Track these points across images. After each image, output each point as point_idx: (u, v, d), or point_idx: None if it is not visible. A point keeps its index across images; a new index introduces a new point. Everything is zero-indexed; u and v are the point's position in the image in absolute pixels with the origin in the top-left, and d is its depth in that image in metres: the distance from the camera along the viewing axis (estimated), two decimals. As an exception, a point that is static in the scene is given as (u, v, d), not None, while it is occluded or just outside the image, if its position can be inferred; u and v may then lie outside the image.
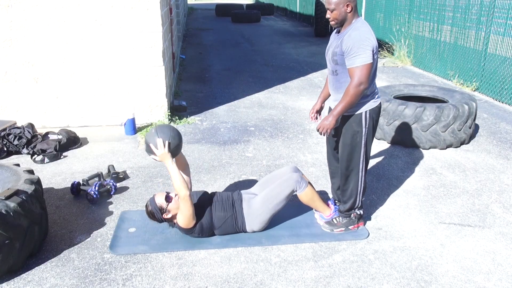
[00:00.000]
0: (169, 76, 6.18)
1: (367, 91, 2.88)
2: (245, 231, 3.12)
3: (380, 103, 3.03)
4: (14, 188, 2.74)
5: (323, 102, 3.29)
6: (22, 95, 5.18)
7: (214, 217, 3.03)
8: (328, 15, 2.83)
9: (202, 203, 3.07)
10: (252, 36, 14.06)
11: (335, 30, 2.98)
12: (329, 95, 3.19)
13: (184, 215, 2.91)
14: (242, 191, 3.26)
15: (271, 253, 2.93)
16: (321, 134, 2.89)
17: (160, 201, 3.00)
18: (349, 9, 2.77)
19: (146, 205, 3.06)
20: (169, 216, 3.02)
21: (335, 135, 3.16)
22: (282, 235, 3.12)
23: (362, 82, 2.74)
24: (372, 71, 2.80)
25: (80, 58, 5.15)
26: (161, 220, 3.05)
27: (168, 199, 3.00)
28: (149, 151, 2.95)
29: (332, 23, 2.85)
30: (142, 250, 2.94)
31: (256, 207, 3.07)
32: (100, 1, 4.99)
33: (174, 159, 2.98)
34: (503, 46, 6.47)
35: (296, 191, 3.06)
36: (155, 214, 3.00)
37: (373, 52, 2.75)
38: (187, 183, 3.04)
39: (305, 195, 3.09)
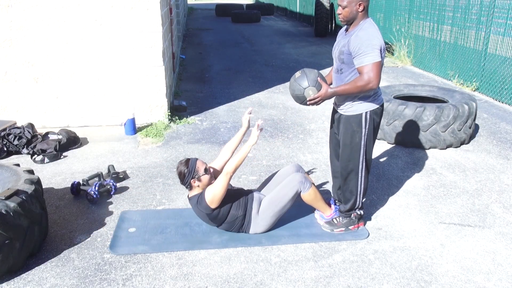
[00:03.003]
0: (169, 76, 6.18)
1: (370, 91, 2.87)
2: (247, 233, 3.12)
3: (383, 104, 3.01)
4: (14, 188, 2.74)
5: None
6: (22, 95, 5.18)
7: (230, 212, 3.03)
8: (339, 11, 2.83)
9: (233, 195, 3.07)
10: (252, 36, 14.05)
11: (343, 28, 2.99)
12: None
13: (216, 190, 2.90)
14: (255, 192, 3.21)
15: (271, 253, 2.93)
16: (313, 104, 2.82)
17: (200, 167, 3.00)
18: (361, 8, 2.77)
19: (181, 162, 3.03)
20: (196, 184, 3.01)
21: (337, 134, 3.16)
22: (282, 235, 3.12)
23: (371, 80, 2.72)
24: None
25: (80, 58, 5.15)
26: (186, 182, 3.01)
27: (206, 171, 3.02)
28: (306, 85, 2.81)
29: (341, 19, 2.84)
30: (142, 250, 2.94)
31: (262, 210, 3.08)
32: (100, 1, 4.99)
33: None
34: (503, 46, 6.46)
35: (300, 192, 3.07)
36: (187, 174, 2.97)
37: (381, 51, 2.74)
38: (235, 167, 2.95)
39: (308, 195, 3.09)
